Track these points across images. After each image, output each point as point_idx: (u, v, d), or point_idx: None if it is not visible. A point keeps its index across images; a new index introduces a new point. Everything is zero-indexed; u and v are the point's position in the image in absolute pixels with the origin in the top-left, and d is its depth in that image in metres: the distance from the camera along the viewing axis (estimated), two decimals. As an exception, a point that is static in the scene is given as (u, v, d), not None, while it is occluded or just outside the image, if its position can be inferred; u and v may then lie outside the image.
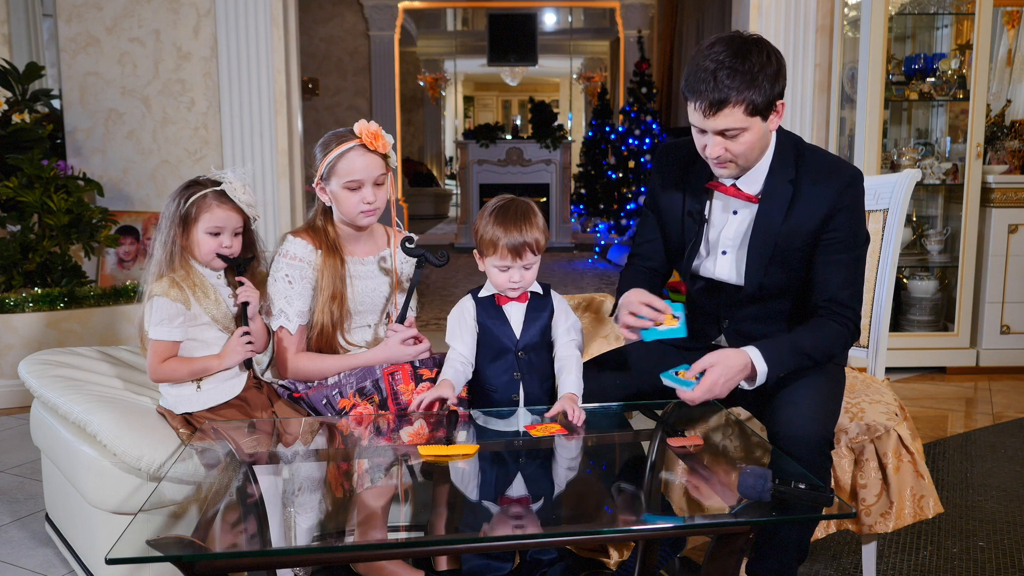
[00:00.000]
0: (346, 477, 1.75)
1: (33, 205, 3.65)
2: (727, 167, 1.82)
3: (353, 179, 2.04)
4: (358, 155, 2.04)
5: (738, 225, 1.90)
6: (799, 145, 1.89)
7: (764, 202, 1.85)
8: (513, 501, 1.59)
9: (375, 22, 10.30)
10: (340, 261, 2.10)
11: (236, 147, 4.23)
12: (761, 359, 1.76)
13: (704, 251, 1.96)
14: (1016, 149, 4.18)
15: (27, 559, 2.27)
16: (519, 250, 1.87)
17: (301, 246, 2.09)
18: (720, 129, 1.74)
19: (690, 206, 1.94)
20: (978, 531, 2.42)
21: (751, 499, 1.42)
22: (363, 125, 2.06)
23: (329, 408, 2.01)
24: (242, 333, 1.98)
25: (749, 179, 1.87)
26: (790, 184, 1.84)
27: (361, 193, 2.05)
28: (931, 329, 4.16)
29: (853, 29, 4.21)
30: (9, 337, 3.53)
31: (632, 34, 9.60)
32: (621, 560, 2.09)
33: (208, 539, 1.38)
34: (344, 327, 2.12)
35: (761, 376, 1.77)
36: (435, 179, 14.60)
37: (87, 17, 4.22)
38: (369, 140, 2.04)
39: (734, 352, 1.76)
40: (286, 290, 2.07)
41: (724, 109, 1.71)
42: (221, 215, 1.96)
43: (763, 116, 1.75)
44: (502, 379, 1.95)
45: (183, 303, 1.94)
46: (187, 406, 1.97)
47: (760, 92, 1.71)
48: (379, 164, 2.07)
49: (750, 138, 1.76)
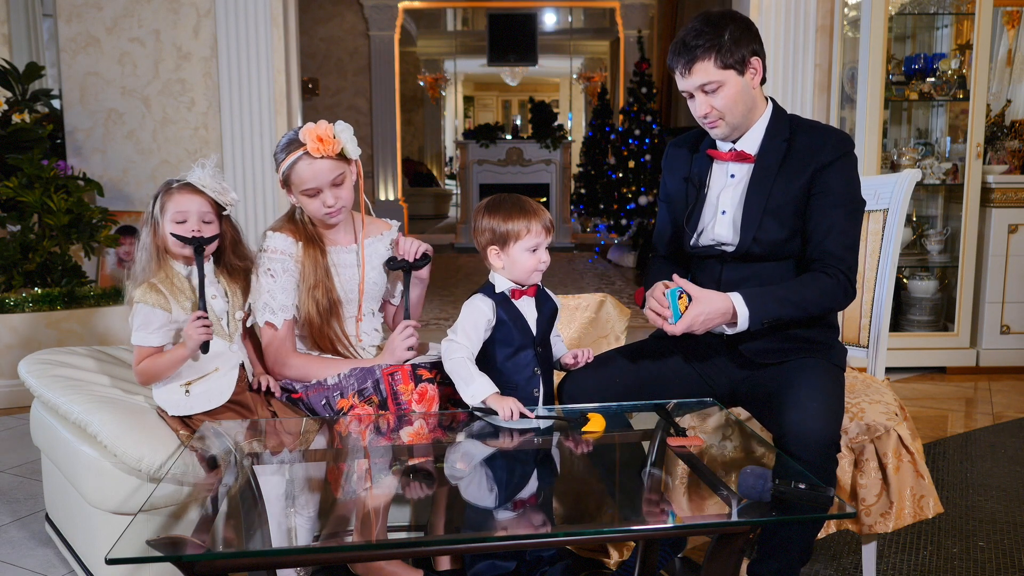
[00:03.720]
0: (346, 477, 1.75)
1: (33, 205, 3.65)
2: (718, 125, 1.95)
3: (307, 187, 2.03)
4: (306, 165, 2.01)
5: (735, 187, 1.99)
6: (794, 116, 2.03)
7: (760, 160, 1.97)
8: (513, 501, 1.59)
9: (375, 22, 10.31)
10: (321, 252, 2.10)
11: (236, 147, 4.23)
12: (743, 304, 1.84)
13: (705, 214, 2.03)
14: (1016, 149, 4.18)
15: (27, 559, 2.27)
16: (549, 227, 1.96)
17: (281, 239, 2.09)
18: (698, 85, 1.91)
19: (691, 174, 2.07)
20: (978, 531, 2.42)
21: (751, 499, 1.42)
22: (308, 130, 2.01)
23: (328, 409, 2.01)
24: (196, 316, 1.92)
25: (746, 141, 1.99)
26: (784, 142, 1.96)
27: (320, 198, 2.04)
28: (931, 329, 4.16)
29: (853, 29, 4.21)
30: (9, 337, 3.53)
31: (632, 34, 9.61)
32: (621, 560, 2.09)
33: (208, 539, 1.38)
34: (340, 315, 2.12)
35: (743, 321, 1.84)
36: (435, 179, 14.60)
37: (87, 17, 4.22)
38: (314, 148, 2.00)
39: (718, 295, 1.85)
40: (269, 284, 2.07)
41: (696, 64, 1.90)
42: (183, 200, 1.96)
43: (737, 71, 1.90)
44: (523, 375, 1.95)
45: (163, 307, 1.94)
46: (177, 410, 1.97)
47: (726, 47, 1.88)
48: (331, 167, 2.03)
49: (730, 92, 1.90)
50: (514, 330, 1.93)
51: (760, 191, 1.94)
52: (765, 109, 1.99)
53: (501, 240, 1.93)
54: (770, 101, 2.00)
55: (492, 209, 1.95)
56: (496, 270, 1.96)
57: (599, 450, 1.81)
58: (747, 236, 1.94)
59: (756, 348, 1.94)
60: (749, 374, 1.96)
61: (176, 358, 1.95)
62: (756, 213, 1.93)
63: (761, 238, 1.93)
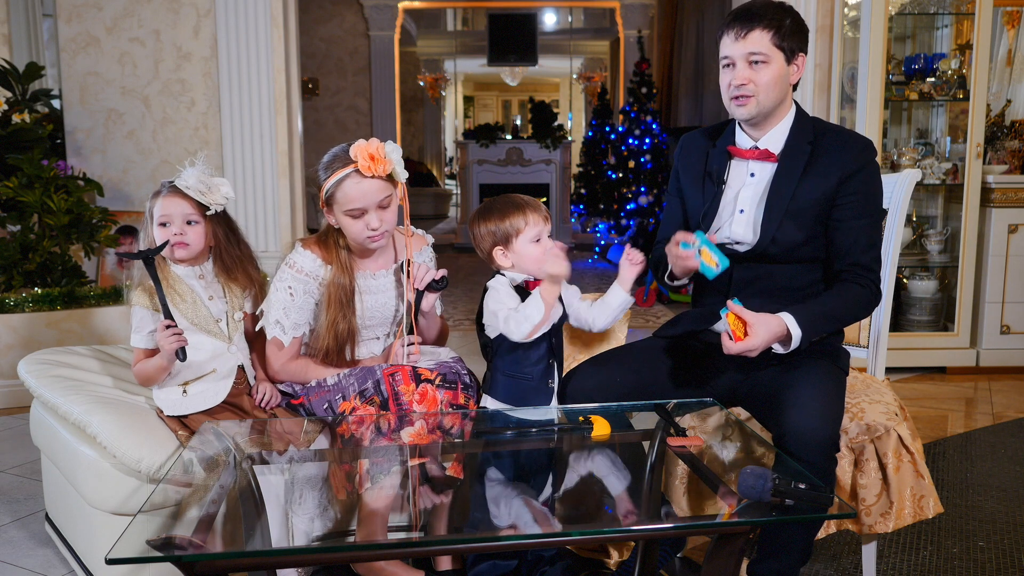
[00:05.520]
0: (346, 477, 1.75)
1: (33, 205, 3.65)
2: (747, 103, 1.92)
3: (352, 208, 1.95)
4: (354, 183, 1.93)
5: (755, 186, 1.98)
6: (817, 119, 2.03)
7: (783, 160, 1.95)
8: (513, 501, 1.59)
9: (375, 22, 10.31)
10: (350, 280, 2.03)
11: (236, 147, 4.23)
12: (795, 324, 1.82)
13: (722, 212, 2.02)
14: (1016, 149, 4.18)
15: (27, 559, 2.27)
16: (546, 215, 1.99)
17: (310, 260, 2.02)
18: (748, 52, 1.89)
19: (709, 170, 2.05)
20: (978, 531, 2.42)
21: (751, 499, 1.42)
22: (360, 147, 1.92)
23: (330, 413, 2.00)
24: (165, 326, 1.88)
25: (770, 139, 1.97)
26: (809, 145, 1.95)
27: (364, 219, 1.96)
28: (931, 329, 4.16)
29: (853, 29, 4.21)
30: (9, 337, 3.53)
31: (632, 34, 9.61)
32: (621, 560, 2.09)
33: (208, 539, 1.38)
34: (355, 342, 2.08)
35: (796, 340, 1.82)
36: (435, 179, 14.59)
37: (87, 17, 4.22)
38: (365, 166, 1.91)
39: (773, 318, 1.82)
40: (285, 301, 2.02)
41: (754, 31, 1.89)
42: (166, 204, 1.97)
43: (787, 56, 1.91)
44: (539, 367, 1.96)
45: (157, 310, 1.94)
46: (174, 410, 1.97)
47: (787, 29, 1.89)
48: (380, 188, 1.95)
49: (772, 73, 1.90)
50: None
51: (783, 192, 1.93)
52: (790, 110, 1.99)
53: (504, 239, 1.94)
54: (795, 103, 2.01)
55: (485, 214, 1.97)
56: (506, 270, 1.97)
57: (599, 450, 1.81)
58: (766, 236, 1.93)
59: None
60: (749, 375, 1.96)
61: (158, 367, 1.95)
62: (777, 214, 1.92)
63: (780, 239, 1.92)
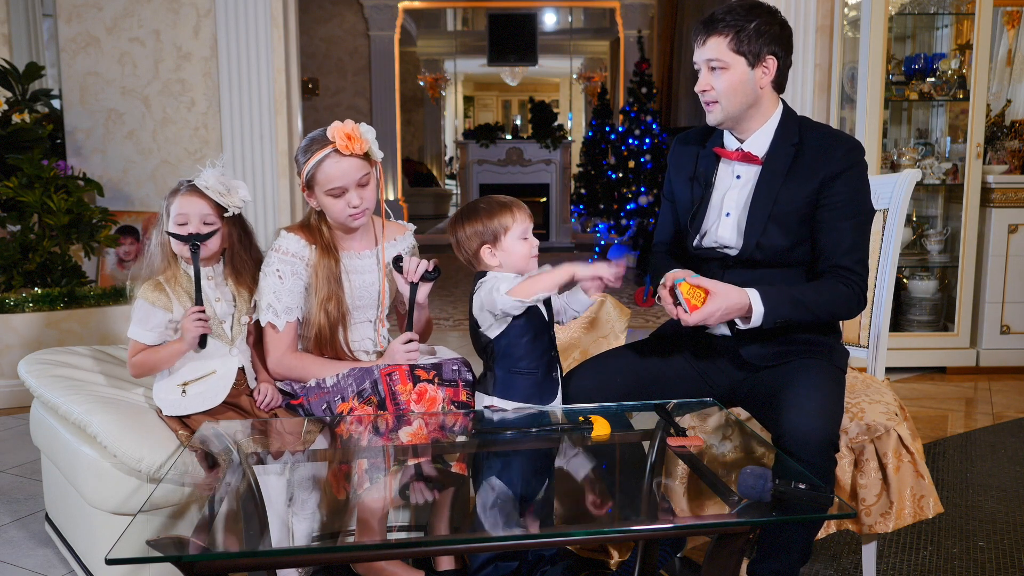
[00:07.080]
0: (346, 477, 1.75)
1: (33, 205, 3.65)
2: (712, 109, 1.94)
3: (333, 187, 2.00)
4: (334, 162, 1.99)
5: (741, 188, 1.98)
6: (804, 119, 2.00)
7: (767, 163, 1.94)
8: (513, 501, 1.59)
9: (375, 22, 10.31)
10: (335, 260, 2.08)
11: (236, 147, 4.23)
12: (759, 301, 1.83)
13: (709, 215, 2.01)
14: (1016, 149, 4.18)
15: (27, 559, 2.27)
16: (529, 212, 1.98)
17: (294, 241, 2.07)
18: (707, 58, 1.90)
19: (697, 172, 2.05)
20: (978, 531, 2.42)
21: (751, 499, 1.42)
22: (336, 128, 1.99)
23: (328, 413, 2.00)
24: (194, 311, 1.93)
25: (754, 142, 1.96)
26: (793, 147, 1.93)
27: (345, 198, 2.02)
28: (931, 329, 4.16)
29: (853, 29, 4.21)
30: (9, 337, 3.53)
31: (632, 34, 9.61)
32: (621, 560, 2.09)
33: (208, 539, 1.38)
34: (347, 324, 2.10)
35: (757, 318, 1.83)
36: (435, 179, 14.59)
37: (87, 17, 4.22)
38: (343, 145, 1.97)
39: (736, 290, 1.82)
40: (275, 285, 2.04)
41: (711, 38, 1.88)
42: (184, 203, 1.97)
43: (749, 61, 1.88)
44: (542, 361, 1.96)
45: (164, 307, 1.95)
46: (172, 410, 1.97)
47: (748, 33, 1.86)
48: (358, 166, 2.01)
49: (732, 78, 1.89)
50: (532, 316, 1.94)
51: (766, 196, 1.92)
52: (775, 111, 1.96)
53: (492, 237, 1.94)
54: (782, 104, 1.98)
55: (470, 215, 1.97)
56: (494, 269, 1.96)
57: (599, 450, 1.81)
58: (750, 241, 1.93)
59: (758, 352, 1.94)
60: (749, 375, 1.96)
61: (174, 352, 1.96)
62: (761, 219, 1.92)
63: (764, 244, 1.92)
